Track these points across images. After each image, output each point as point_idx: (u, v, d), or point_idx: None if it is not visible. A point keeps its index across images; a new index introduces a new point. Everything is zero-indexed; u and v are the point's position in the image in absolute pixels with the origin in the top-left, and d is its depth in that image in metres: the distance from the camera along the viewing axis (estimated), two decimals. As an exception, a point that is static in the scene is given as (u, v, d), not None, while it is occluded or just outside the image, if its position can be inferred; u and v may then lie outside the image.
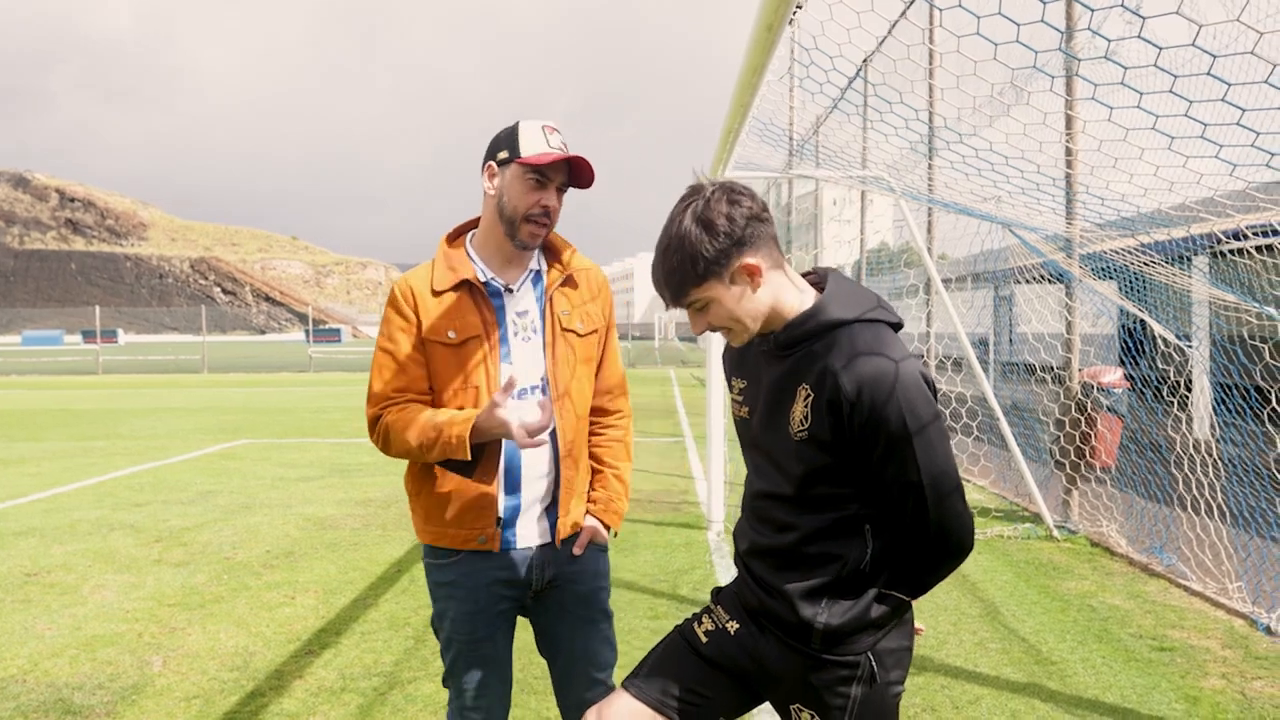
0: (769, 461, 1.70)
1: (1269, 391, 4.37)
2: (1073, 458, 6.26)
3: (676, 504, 7.44)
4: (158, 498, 7.77)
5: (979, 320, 16.81)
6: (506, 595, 2.12)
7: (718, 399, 6.37)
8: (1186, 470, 5.13)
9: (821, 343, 1.59)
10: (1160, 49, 3.15)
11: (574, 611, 2.17)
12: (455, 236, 2.20)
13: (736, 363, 1.83)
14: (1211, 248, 5.56)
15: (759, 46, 3.40)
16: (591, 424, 2.27)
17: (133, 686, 3.70)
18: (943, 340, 10.13)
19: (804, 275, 1.72)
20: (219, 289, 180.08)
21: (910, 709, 3.49)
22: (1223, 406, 5.04)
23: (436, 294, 2.07)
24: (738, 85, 3.94)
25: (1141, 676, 3.80)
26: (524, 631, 2.32)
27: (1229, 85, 3.10)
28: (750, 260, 1.57)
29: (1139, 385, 6.05)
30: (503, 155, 2.02)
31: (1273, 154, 3.46)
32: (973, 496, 7.53)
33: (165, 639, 4.26)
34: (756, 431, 1.72)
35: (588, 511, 2.22)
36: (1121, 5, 2.85)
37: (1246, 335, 4.74)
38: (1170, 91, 3.17)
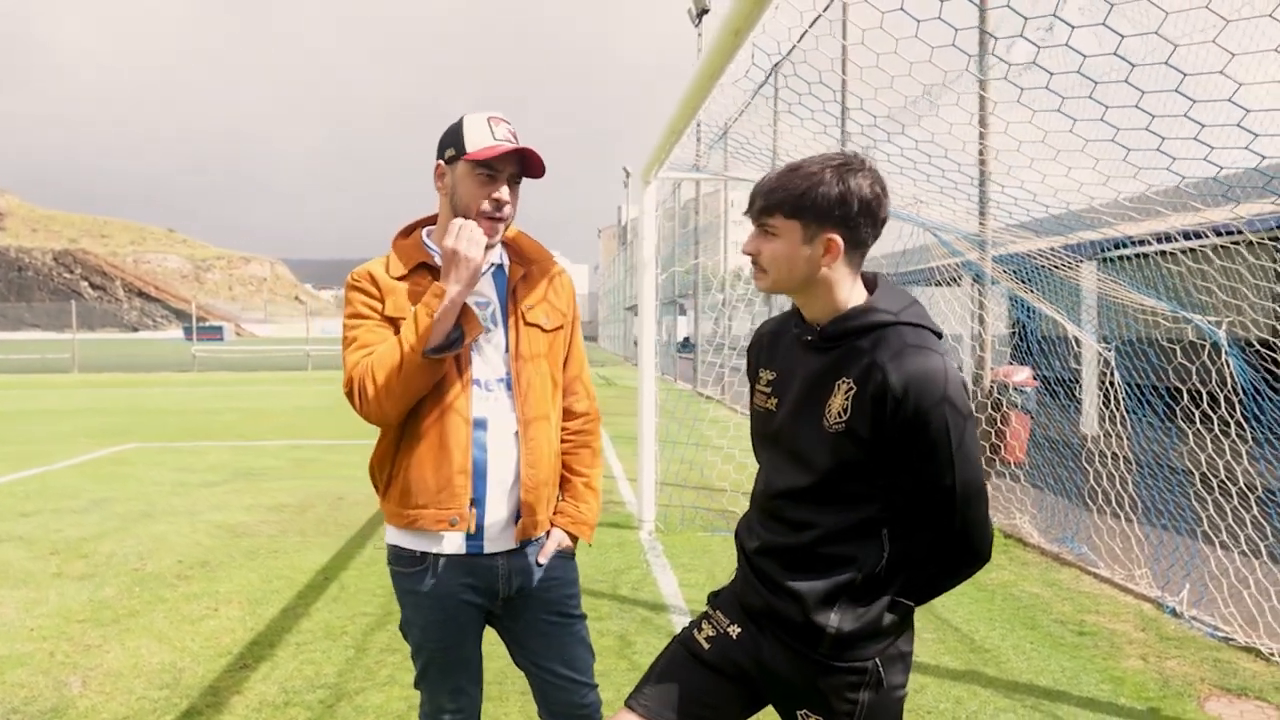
0: (791, 455, 1.68)
1: (1178, 391, 4.69)
2: (987, 454, 6.56)
3: (603, 505, 7.41)
4: (46, 506, 7.25)
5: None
6: (474, 603, 2.06)
7: (650, 400, 6.39)
8: (1097, 465, 5.45)
9: (868, 339, 1.59)
10: (1085, 57, 3.34)
11: (545, 617, 2.11)
12: (409, 232, 2.14)
13: (767, 355, 1.80)
14: (1102, 254, 5.92)
15: (721, 50, 3.43)
16: (561, 427, 2.21)
17: (52, 710, 3.44)
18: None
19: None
20: (87, 283, 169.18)
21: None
22: (1138, 406, 5.38)
23: (396, 279, 2.02)
24: (691, 87, 3.96)
25: (1069, 660, 4.01)
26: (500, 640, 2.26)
27: (1143, 92, 3.31)
28: (836, 237, 1.58)
29: (1050, 385, 6.39)
30: (450, 153, 1.97)
31: (1174, 158, 3.72)
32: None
33: (80, 657, 3.97)
34: (783, 422, 1.70)
35: (554, 523, 2.15)
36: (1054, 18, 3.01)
37: (1161, 338, 5.08)
38: (1090, 98, 3.38)
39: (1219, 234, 5.02)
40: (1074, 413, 8.02)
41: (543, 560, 2.10)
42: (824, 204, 1.55)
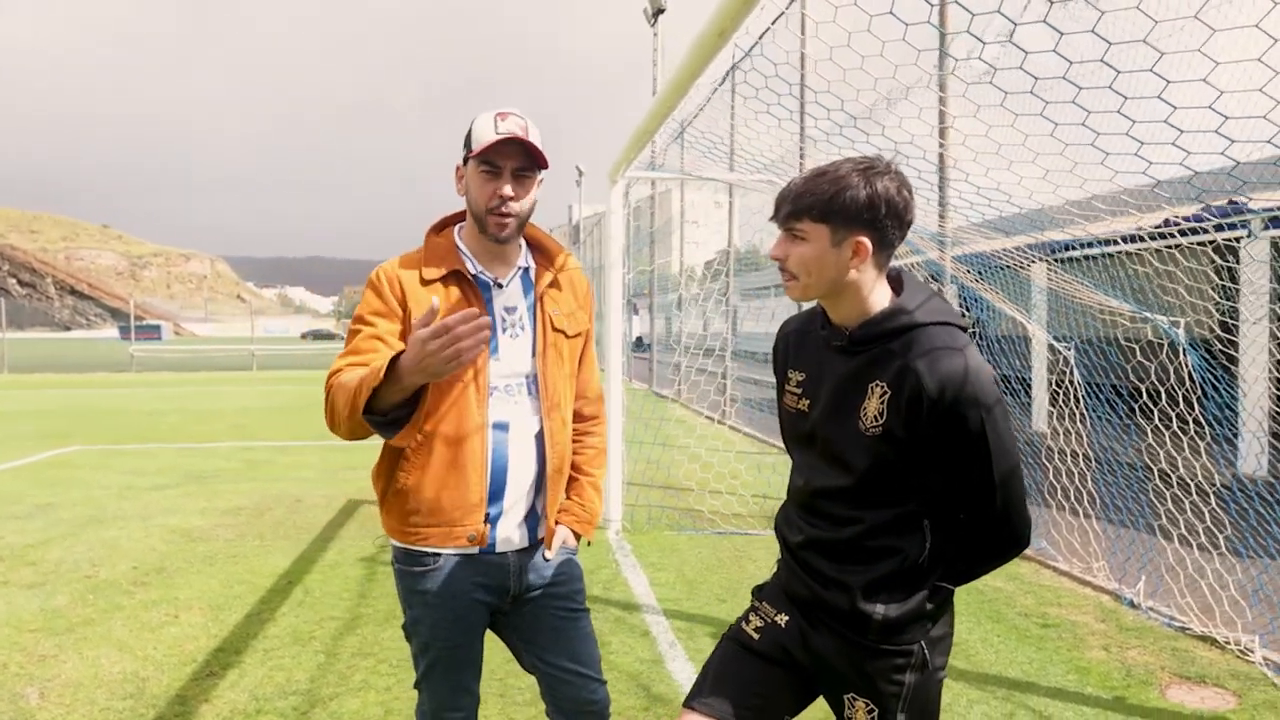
0: (827, 455, 1.70)
1: (1137, 389, 4.84)
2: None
3: (566, 504, 7.39)
4: (-13, 512, 6.98)
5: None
6: (484, 601, 2.05)
7: (616, 400, 6.38)
8: (1056, 461, 5.59)
9: (898, 342, 1.62)
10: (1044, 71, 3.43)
11: (553, 613, 2.11)
12: (441, 228, 2.12)
13: (795, 356, 1.82)
14: (1052, 255, 6.07)
15: (704, 51, 3.44)
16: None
17: (10, 723, 3.31)
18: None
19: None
20: (15, 280, 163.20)
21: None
22: (1098, 403, 5.54)
23: (425, 284, 1.98)
24: (669, 87, 3.95)
25: (1035, 651, 4.11)
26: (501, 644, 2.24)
27: (1089, 112, 3.41)
28: (865, 239, 1.59)
29: (1010, 383, 6.54)
30: (465, 153, 1.99)
31: (1116, 171, 3.85)
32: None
33: (36, 668, 3.83)
34: (817, 424, 1.72)
35: (559, 521, 2.16)
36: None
37: (1120, 337, 5.23)
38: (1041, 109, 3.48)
39: (1153, 237, 5.19)
40: (1032, 411, 8.23)
41: (550, 556, 2.10)
42: (852, 207, 1.57)
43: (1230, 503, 4.89)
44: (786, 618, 1.81)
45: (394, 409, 1.76)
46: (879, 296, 1.66)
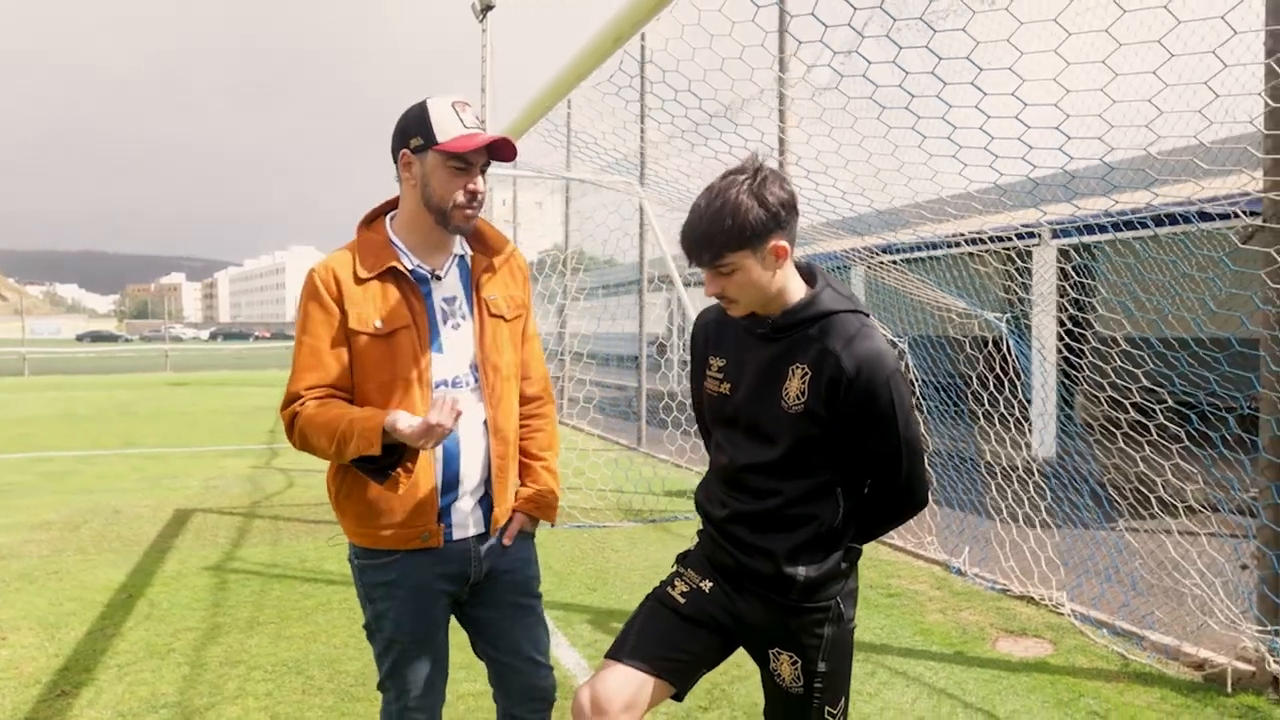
0: (752, 434, 1.86)
1: (967, 380, 5.40)
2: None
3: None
4: None
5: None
6: (446, 590, 2.07)
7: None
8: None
9: (815, 327, 1.80)
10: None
11: (510, 599, 2.14)
12: (371, 220, 2.10)
13: (714, 343, 1.97)
14: (867, 258, 6.65)
15: (597, 55, 3.56)
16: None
17: None
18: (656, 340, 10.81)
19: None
20: None
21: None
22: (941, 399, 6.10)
23: (360, 282, 1.96)
24: (553, 86, 4.05)
25: (884, 618, 4.51)
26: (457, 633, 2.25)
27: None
28: (781, 242, 1.75)
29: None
30: (417, 142, 1.94)
31: (966, 164, 4.34)
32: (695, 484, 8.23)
33: None
34: (740, 405, 1.88)
35: (517, 508, 2.18)
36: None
37: (953, 333, 5.81)
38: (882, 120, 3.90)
39: (970, 242, 5.83)
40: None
41: (508, 542, 2.13)
42: (759, 224, 1.71)
43: (1029, 480, 5.56)
44: (710, 584, 1.95)
45: (382, 456, 1.84)
46: (795, 286, 1.84)
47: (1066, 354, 6.25)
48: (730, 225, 1.70)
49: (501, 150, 1.98)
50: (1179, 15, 3.25)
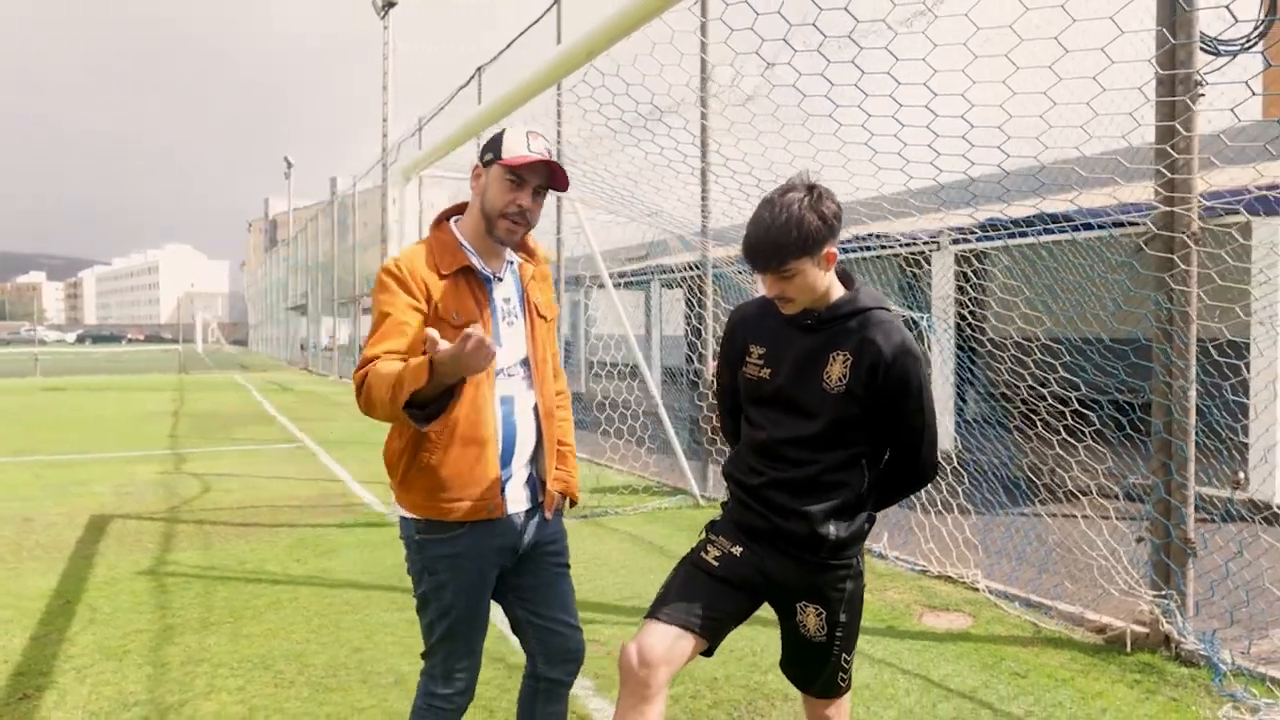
0: (792, 411, 2.14)
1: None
2: (708, 441, 7.46)
3: (345, 506, 7.23)
4: None
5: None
6: (499, 562, 2.27)
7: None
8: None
9: (855, 321, 2.11)
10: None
11: (551, 568, 2.37)
12: (439, 222, 2.33)
13: (754, 332, 2.25)
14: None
15: (566, 66, 3.75)
16: None
17: None
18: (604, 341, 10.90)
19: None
20: None
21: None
22: None
23: (444, 278, 2.19)
24: (514, 93, 4.20)
25: (820, 599, 4.84)
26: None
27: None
28: (833, 249, 2.05)
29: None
30: (488, 157, 2.22)
31: (881, 167, 4.72)
32: (628, 480, 8.46)
33: None
34: (782, 386, 2.15)
35: (554, 487, 2.41)
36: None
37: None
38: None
39: (886, 246, 6.27)
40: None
41: (549, 516, 2.36)
42: (818, 234, 2.02)
43: (967, 476, 6.04)
44: (741, 548, 2.22)
45: (431, 402, 1.96)
46: (835, 286, 2.16)
47: (968, 354, 6.77)
48: (795, 236, 1.99)
49: (557, 177, 2.23)
50: (1067, 46, 3.70)
